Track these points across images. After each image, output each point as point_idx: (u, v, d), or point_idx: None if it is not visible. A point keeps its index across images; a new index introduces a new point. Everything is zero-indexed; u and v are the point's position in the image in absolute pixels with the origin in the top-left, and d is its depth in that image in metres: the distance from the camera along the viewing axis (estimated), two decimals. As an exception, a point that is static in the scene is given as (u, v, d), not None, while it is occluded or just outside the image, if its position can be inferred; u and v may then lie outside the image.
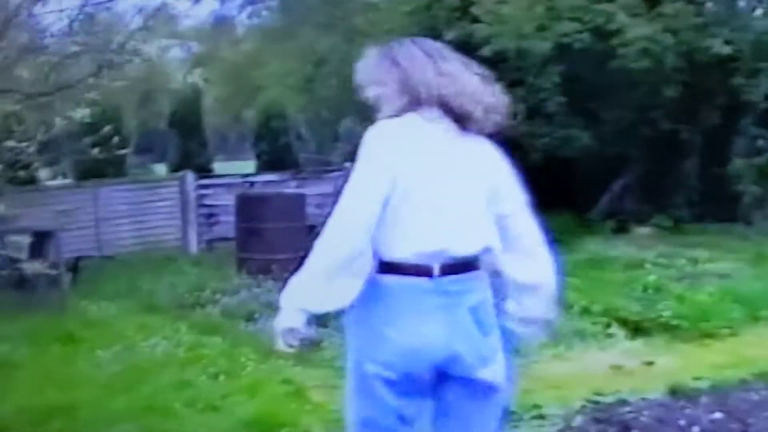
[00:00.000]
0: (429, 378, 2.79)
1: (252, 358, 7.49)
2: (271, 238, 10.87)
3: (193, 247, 13.90)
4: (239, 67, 25.78)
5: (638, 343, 8.23)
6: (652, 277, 10.24)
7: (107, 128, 5.45)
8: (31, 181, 16.68)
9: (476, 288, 2.82)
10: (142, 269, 11.90)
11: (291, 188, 14.44)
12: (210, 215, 13.96)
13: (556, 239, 13.23)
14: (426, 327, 2.71)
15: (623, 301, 9.30)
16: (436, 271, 2.72)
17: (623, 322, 8.74)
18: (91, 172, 14.24)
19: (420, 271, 2.70)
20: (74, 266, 11.38)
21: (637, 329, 8.57)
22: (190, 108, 21.58)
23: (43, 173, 11.71)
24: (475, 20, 14.23)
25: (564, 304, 8.77)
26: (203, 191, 14.10)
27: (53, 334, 8.80)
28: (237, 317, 9.06)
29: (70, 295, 10.29)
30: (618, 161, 15.60)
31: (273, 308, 3.81)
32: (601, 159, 15.24)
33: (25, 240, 9.80)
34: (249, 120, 25.47)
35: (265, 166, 20.83)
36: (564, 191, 15.15)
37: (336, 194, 2.99)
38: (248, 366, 7.31)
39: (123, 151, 8.81)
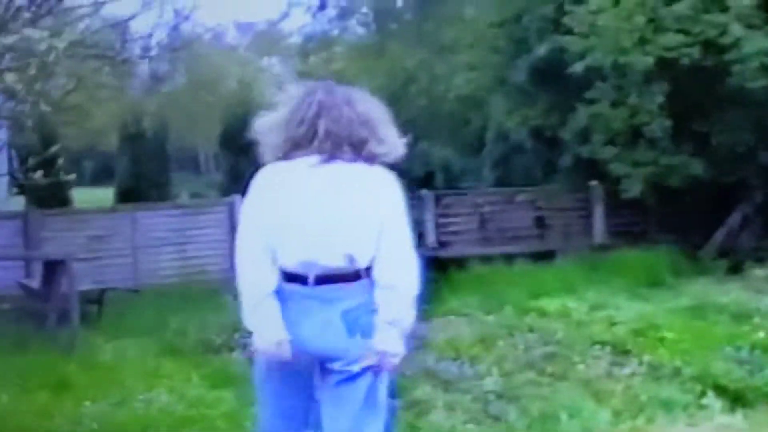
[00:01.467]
0: (310, 368, 3.40)
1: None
2: None
3: None
4: None
5: (737, 417, 6.96)
6: (761, 334, 8.78)
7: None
8: (64, 203, 16.29)
9: (351, 295, 3.32)
10: (176, 303, 11.02)
11: None
12: None
13: (658, 280, 10.93)
14: (303, 325, 3.30)
15: (724, 364, 7.97)
16: (311, 279, 3.28)
17: (721, 390, 7.51)
18: (131, 194, 13.49)
19: (300, 278, 3.28)
20: (99, 299, 10.54)
21: (737, 399, 7.41)
22: (245, 125, 20.71)
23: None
24: (569, 32, 13.06)
25: (651, 365, 7.60)
26: None
27: (47, 378, 7.98)
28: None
29: (86, 332, 9.43)
30: (734, 191, 14.09)
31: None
32: (715, 189, 13.81)
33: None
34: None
35: None
36: (672, 226, 13.88)
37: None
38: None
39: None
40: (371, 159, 3.34)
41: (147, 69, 30.25)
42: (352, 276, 3.27)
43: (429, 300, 11.03)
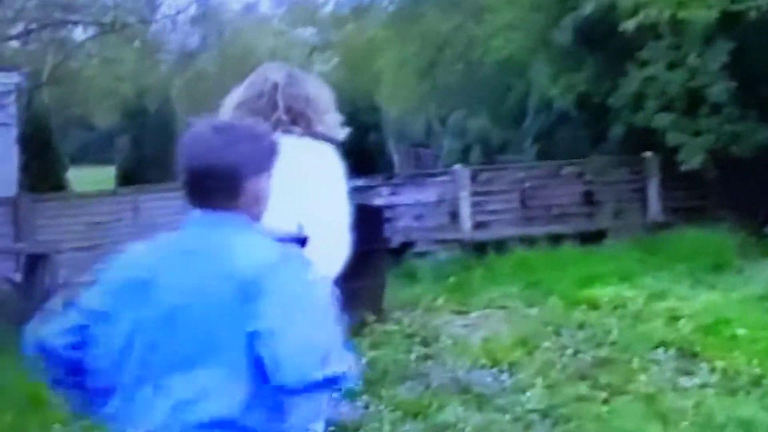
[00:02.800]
0: None
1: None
2: None
3: None
4: (359, 54, 24.89)
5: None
6: None
7: None
8: (60, 187, 15.42)
9: None
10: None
11: (383, 196, 12.94)
12: None
13: (723, 263, 9.25)
14: None
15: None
16: None
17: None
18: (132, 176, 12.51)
19: None
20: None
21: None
22: None
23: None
24: (619, -14, 11.98)
25: (725, 373, 6.46)
26: None
27: (18, 393, 6.94)
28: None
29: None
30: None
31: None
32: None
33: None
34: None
35: (350, 168, 18.64)
36: (735, 201, 12.75)
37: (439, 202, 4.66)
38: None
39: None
40: (315, 137, 3.53)
41: (176, 44, 29.54)
42: None
43: (463, 290, 10.02)
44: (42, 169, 14.22)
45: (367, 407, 6.25)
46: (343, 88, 23.75)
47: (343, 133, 3.66)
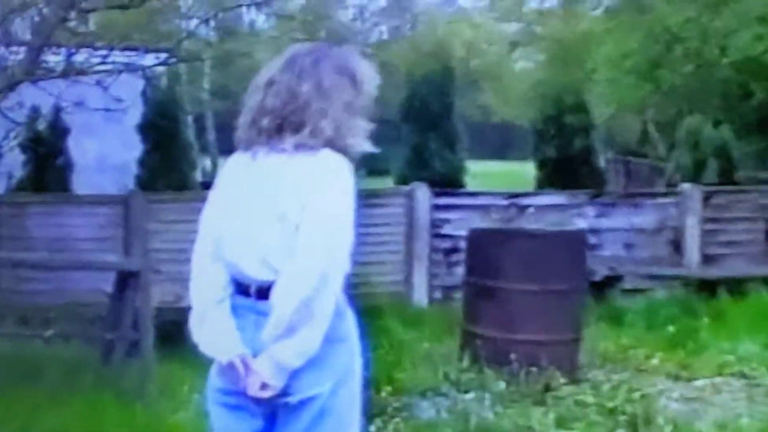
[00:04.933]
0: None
1: None
2: (514, 306, 7.44)
3: (421, 295, 10.63)
4: (568, 49, 23.46)
5: None
6: None
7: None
8: (183, 186, 14.03)
9: None
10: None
11: (587, 218, 10.98)
12: (450, 251, 10.63)
13: None
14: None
15: None
16: (253, 290, 3.06)
17: None
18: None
19: (242, 290, 3.08)
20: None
21: None
22: (440, 92, 17.76)
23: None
24: None
25: None
26: (442, 214, 10.87)
27: None
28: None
29: (166, 367, 6.89)
30: None
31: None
32: None
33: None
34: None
35: (548, 181, 17.22)
36: None
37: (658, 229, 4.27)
38: None
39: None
40: (313, 147, 3.00)
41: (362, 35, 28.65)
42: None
43: (685, 345, 7.88)
44: (164, 163, 12.82)
45: None
46: (548, 84, 22.22)
47: (366, 145, 3.11)
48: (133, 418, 5.75)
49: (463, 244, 8.99)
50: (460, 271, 9.38)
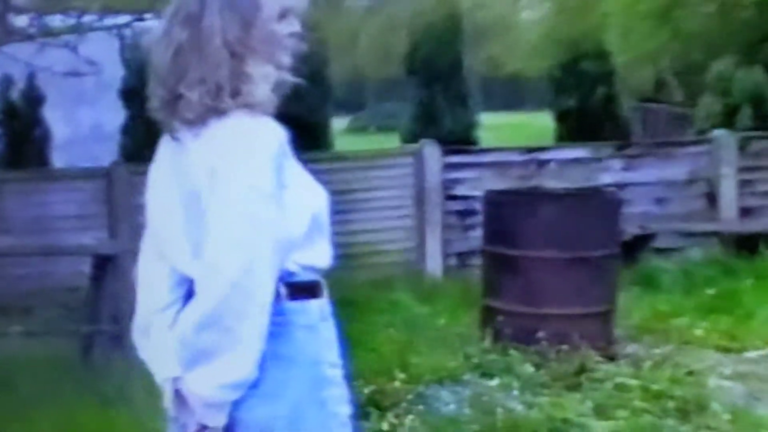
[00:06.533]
0: None
1: None
2: (539, 276, 6.86)
3: (434, 264, 10.14)
4: None
5: None
6: None
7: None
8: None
9: None
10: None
11: (613, 172, 10.43)
12: (465, 213, 10.14)
13: None
14: None
15: None
16: None
17: None
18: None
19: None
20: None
21: None
22: (447, 44, 17.28)
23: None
24: None
25: None
26: (454, 174, 10.37)
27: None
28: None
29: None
30: None
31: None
32: None
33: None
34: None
35: (568, 134, 16.61)
36: None
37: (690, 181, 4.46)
38: None
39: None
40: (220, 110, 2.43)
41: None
42: None
43: (729, 310, 7.38)
44: (149, 131, 12.20)
45: None
46: (561, 31, 21.55)
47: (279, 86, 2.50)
48: (113, 426, 5.21)
49: (478, 206, 8.53)
50: (476, 235, 8.93)
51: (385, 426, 5.59)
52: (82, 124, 13.55)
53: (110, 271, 6.29)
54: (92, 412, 5.40)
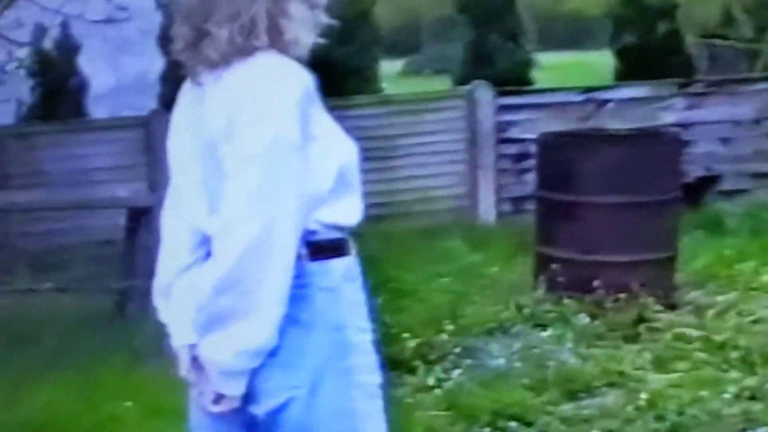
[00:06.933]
0: None
1: None
2: (596, 222, 6.70)
3: (487, 210, 10.01)
4: None
5: None
6: None
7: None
8: None
9: None
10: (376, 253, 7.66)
11: (676, 111, 10.13)
12: (519, 157, 9.93)
13: None
14: None
15: None
16: None
17: None
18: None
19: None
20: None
21: None
22: None
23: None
24: None
25: None
26: (508, 116, 10.16)
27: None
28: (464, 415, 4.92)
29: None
30: None
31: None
32: None
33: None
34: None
35: (629, 72, 15.94)
36: None
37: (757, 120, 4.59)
38: None
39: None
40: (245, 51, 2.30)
41: None
42: None
43: None
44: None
45: None
46: None
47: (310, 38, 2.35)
48: (141, 383, 5.03)
49: (533, 149, 8.30)
50: (530, 179, 8.75)
51: (431, 381, 5.44)
52: (126, 74, 13.44)
53: (145, 224, 6.11)
54: (120, 369, 5.24)
